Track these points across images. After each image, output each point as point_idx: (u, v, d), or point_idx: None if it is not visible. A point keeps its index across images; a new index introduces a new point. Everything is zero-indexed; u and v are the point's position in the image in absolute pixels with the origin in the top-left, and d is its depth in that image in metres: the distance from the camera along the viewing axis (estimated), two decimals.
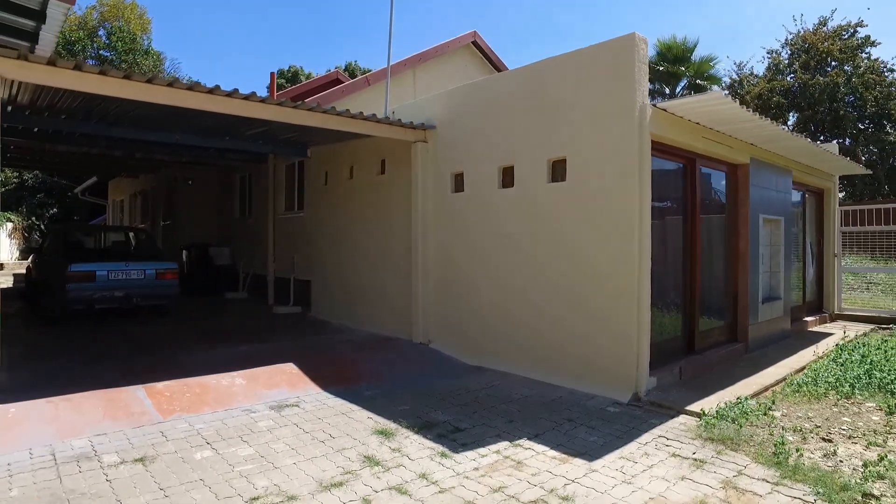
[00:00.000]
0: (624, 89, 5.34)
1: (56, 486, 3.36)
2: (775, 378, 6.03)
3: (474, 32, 12.68)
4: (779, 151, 8.03)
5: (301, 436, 4.28)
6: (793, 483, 3.49)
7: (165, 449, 3.98)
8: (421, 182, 7.42)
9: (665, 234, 6.37)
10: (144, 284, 8.45)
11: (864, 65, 20.94)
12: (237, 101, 5.93)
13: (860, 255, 11.31)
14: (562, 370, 5.77)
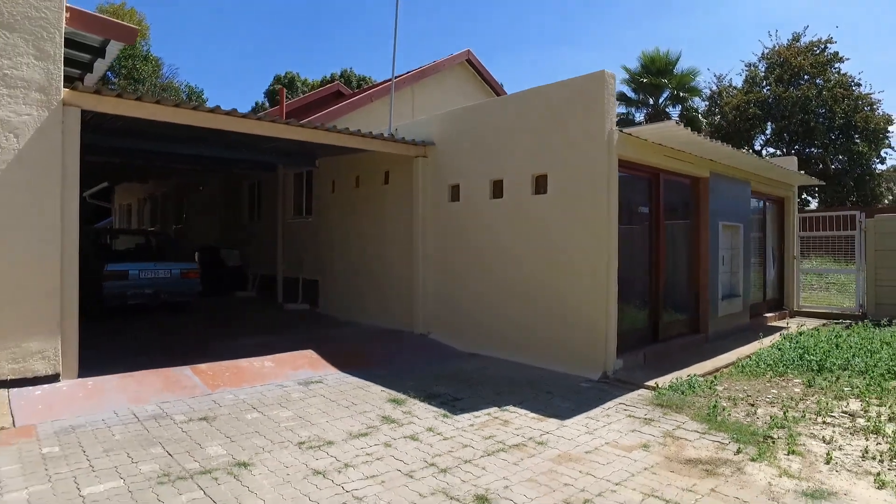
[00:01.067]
0: (595, 117, 6.37)
1: (145, 434, 4.32)
2: (726, 362, 7.06)
3: (468, 51, 13.74)
4: (737, 165, 9.09)
5: (328, 403, 5.26)
6: (716, 432, 4.51)
7: (220, 412, 4.94)
8: (421, 192, 8.42)
9: (633, 238, 7.40)
10: (171, 283, 9.39)
11: (834, 79, 22.22)
12: (265, 124, 6.92)
13: (824, 258, 12.44)
14: (543, 355, 6.77)
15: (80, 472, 3.61)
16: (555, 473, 3.73)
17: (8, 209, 5.04)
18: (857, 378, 6.06)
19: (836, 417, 4.86)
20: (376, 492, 3.41)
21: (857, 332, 8.45)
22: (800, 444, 4.23)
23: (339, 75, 42.28)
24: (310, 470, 3.72)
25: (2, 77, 5.00)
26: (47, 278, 5.25)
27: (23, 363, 5.10)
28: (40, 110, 5.21)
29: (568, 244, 6.62)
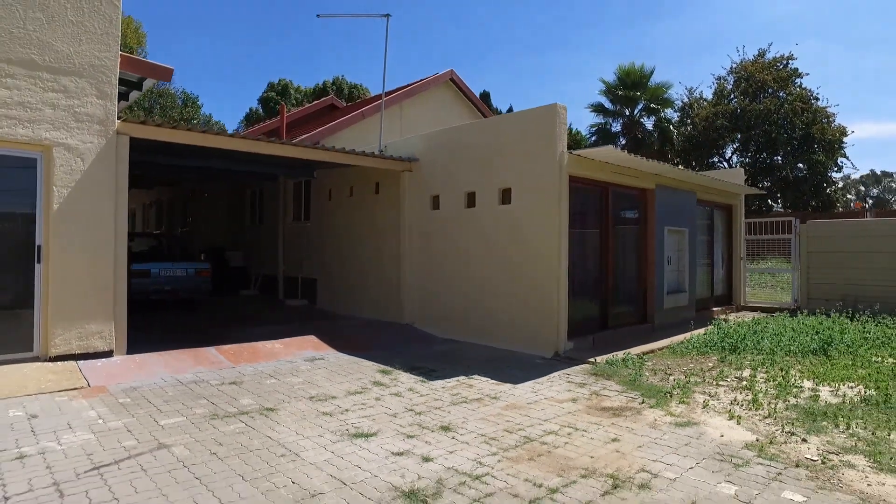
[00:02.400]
0: (549, 142, 7.74)
1: (190, 392, 5.61)
2: (662, 345, 8.45)
3: (451, 71, 15.11)
4: (680, 179, 10.50)
5: (330, 373, 6.57)
6: (631, 391, 5.87)
7: (245, 379, 6.24)
8: (407, 202, 9.76)
9: (586, 241, 8.78)
10: (187, 280, 10.65)
11: (795, 93, 23.83)
12: (275, 146, 8.23)
13: (778, 259, 13.91)
14: (507, 338, 8.12)
15: (153, 412, 4.91)
16: (501, 415, 5.07)
17: (76, 218, 6.32)
18: (760, 355, 7.46)
19: (728, 381, 6.24)
20: (368, 424, 4.74)
21: (776, 321, 9.88)
22: (690, 397, 5.60)
23: (331, 83, 43.60)
24: (319, 412, 5.04)
25: (74, 114, 6.29)
26: (103, 274, 6.53)
27: (86, 341, 6.38)
28: (100, 139, 6.49)
29: (527, 246, 7.98)
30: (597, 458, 4.02)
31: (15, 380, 5.58)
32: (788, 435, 4.50)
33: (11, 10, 5.91)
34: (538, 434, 4.54)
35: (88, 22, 6.42)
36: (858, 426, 4.65)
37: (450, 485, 3.53)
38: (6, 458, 3.81)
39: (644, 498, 3.38)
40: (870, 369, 6.43)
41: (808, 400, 5.43)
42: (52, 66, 6.19)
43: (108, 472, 3.62)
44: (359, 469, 3.76)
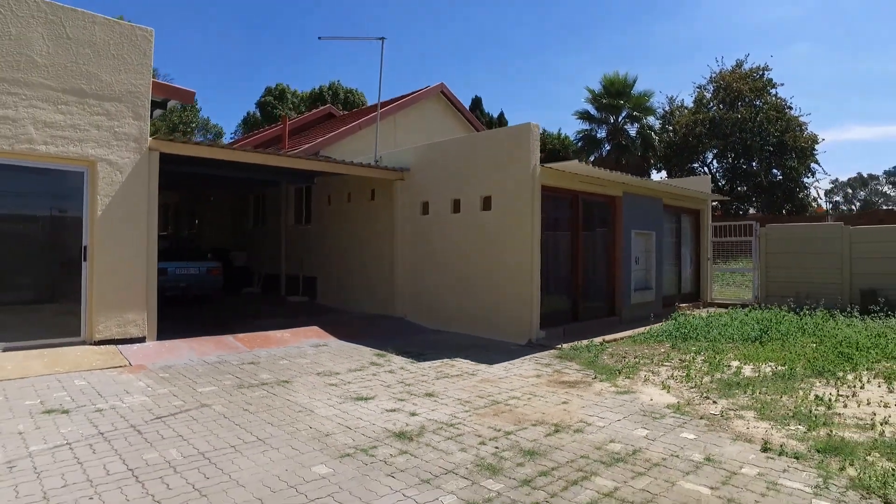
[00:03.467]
0: (524, 155, 8.86)
1: (217, 369, 6.69)
2: (625, 335, 9.57)
3: (442, 84, 16.23)
4: (646, 186, 11.66)
5: (333, 356, 7.67)
6: (588, 370, 6.99)
7: (261, 360, 7.33)
8: (399, 207, 10.87)
9: (559, 243, 9.91)
10: (200, 278, 11.71)
11: (770, 102, 25.10)
12: (283, 158, 9.32)
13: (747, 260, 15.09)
14: (487, 328, 9.23)
15: (189, 383, 6.00)
16: (475, 386, 6.18)
17: (116, 223, 7.39)
18: (706, 342, 8.60)
19: (671, 363, 7.37)
20: (367, 391, 5.83)
21: (729, 315, 11.03)
22: (635, 374, 6.73)
23: (327, 87, 44.59)
24: (326, 384, 6.14)
25: (114, 133, 7.36)
26: (138, 271, 7.60)
27: (124, 328, 7.45)
28: (135, 154, 7.57)
29: (505, 247, 9.10)
30: (547, 414, 5.14)
31: (71, 358, 6.65)
32: (704, 399, 5.63)
33: (67, 47, 6.98)
34: (504, 399, 5.65)
35: (127, 55, 7.50)
36: (761, 393, 5.79)
37: (430, 429, 4.64)
38: (88, 410, 4.90)
39: (576, 437, 4.50)
40: (790, 352, 7.58)
41: (731, 375, 6.57)
42: (97, 93, 7.26)
43: (168, 420, 4.71)
44: (360, 420, 4.87)
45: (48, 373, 6.21)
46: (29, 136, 6.74)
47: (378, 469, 3.79)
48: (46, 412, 4.85)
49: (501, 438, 4.45)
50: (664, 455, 4.10)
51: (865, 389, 5.92)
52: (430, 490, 3.47)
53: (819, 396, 5.58)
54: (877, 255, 12.03)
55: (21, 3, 6.68)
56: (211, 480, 3.55)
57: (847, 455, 4.01)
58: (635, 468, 3.85)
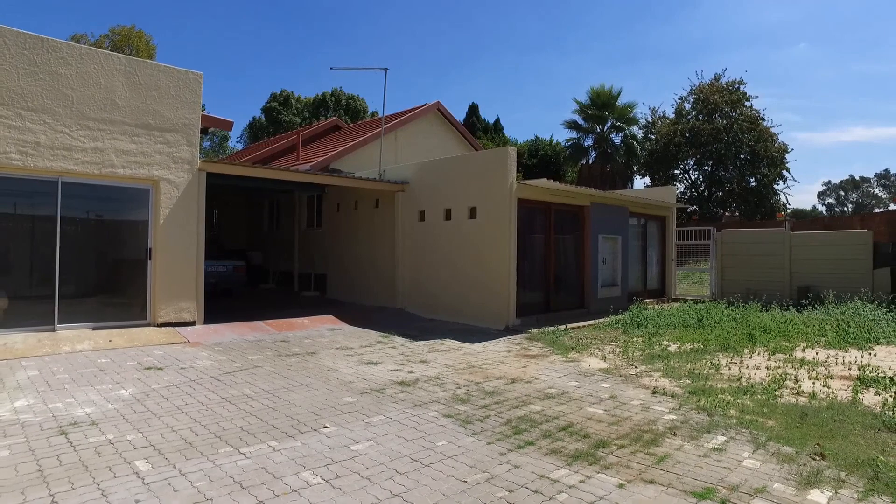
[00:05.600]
0: (503, 174, 10.73)
1: (257, 345, 8.56)
2: (588, 323, 11.45)
3: (438, 102, 18.11)
4: (611, 197, 13.53)
5: (347, 336, 9.54)
6: (549, 347, 8.86)
7: (290, 339, 9.20)
8: (400, 214, 12.75)
9: (534, 246, 11.79)
10: (227, 275, 13.57)
11: (745, 114, 27.01)
12: (303, 175, 11.18)
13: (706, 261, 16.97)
14: (473, 316, 11.11)
15: (240, 354, 7.88)
16: (458, 357, 8.05)
17: (173, 229, 9.25)
18: (652, 328, 10.47)
19: (617, 342, 9.25)
20: (376, 359, 7.70)
21: (680, 307, 12.92)
22: (585, 350, 8.60)
23: (330, 94, 46.46)
24: (344, 354, 8.01)
25: (172, 158, 9.23)
26: (191, 267, 9.46)
27: (179, 314, 9.32)
28: (188, 175, 9.44)
29: (487, 249, 10.97)
30: (508, 373, 7.02)
31: (143, 336, 8.53)
32: (629, 366, 7.51)
33: (139, 91, 8.86)
34: (478, 364, 7.53)
35: (183, 94, 9.37)
36: (674, 362, 7.67)
37: (422, 380, 6.52)
38: (175, 368, 6.79)
39: (525, 386, 6.37)
40: (710, 335, 9.47)
41: (659, 350, 8.45)
42: (160, 126, 9.13)
43: (235, 374, 6.59)
44: (372, 375, 6.75)
45: (129, 346, 8.09)
46: (111, 162, 8.61)
47: (387, 399, 5.67)
48: (147, 369, 6.74)
49: (472, 386, 6.33)
50: (582, 395, 5.98)
51: (752, 359, 7.82)
52: (421, 409, 5.35)
53: (714, 363, 7.47)
54: (811, 258, 13.93)
55: (109, 59, 8.57)
56: (277, 404, 5.43)
57: (707, 395, 5.90)
58: (559, 401, 5.74)
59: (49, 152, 8.09)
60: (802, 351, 8.43)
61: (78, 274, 8.66)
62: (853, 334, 9.46)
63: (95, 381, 6.13)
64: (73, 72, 8.31)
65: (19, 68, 7.85)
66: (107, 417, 4.90)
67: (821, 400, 5.75)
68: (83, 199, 8.67)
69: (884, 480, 3.74)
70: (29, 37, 7.98)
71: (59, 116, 8.18)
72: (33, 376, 6.27)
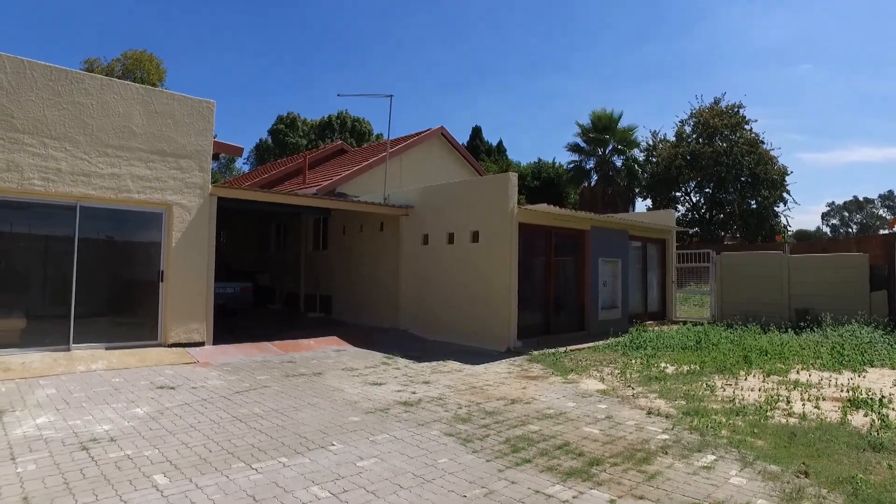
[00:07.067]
0: (503, 199, 11.03)
1: (264, 366, 8.80)
2: (588, 345, 11.64)
3: (441, 127, 18.55)
4: (611, 221, 13.81)
5: (352, 357, 9.77)
6: (549, 369, 9.07)
7: (296, 360, 9.43)
8: (404, 238, 13.05)
9: (535, 269, 12.05)
10: (234, 296, 13.85)
11: (744, 138, 27.40)
12: (311, 199, 11.51)
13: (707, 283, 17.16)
14: (475, 338, 11.33)
15: (248, 374, 8.11)
16: (460, 378, 8.27)
17: (185, 252, 9.55)
18: (651, 350, 10.66)
19: (615, 364, 9.45)
20: (380, 380, 7.93)
21: (679, 329, 13.10)
22: (584, 372, 8.81)
23: (336, 116, 47.20)
24: (349, 375, 8.24)
25: (185, 183, 9.57)
26: (201, 289, 9.75)
27: (189, 334, 9.58)
28: (199, 199, 9.77)
29: (489, 272, 11.24)
30: (509, 394, 7.23)
31: (154, 356, 8.79)
32: (626, 387, 7.71)
33: (155, 119, 9.25)
34: (480, 385, 7.75)
35: (196, 122, 9.75)
36: (670, 384, 7.86)
37: (425, 400, 6.74)
38: (187, 387, 7.03)
39: (524, 406, 6.59)
40: (707, 357, 9.66)
41: (656, 372, 8.65)
42: (174, 153, 9.49)
43: (244, 394, 6.83)
44: (376, 395, 6.97)
45: (141, 365, 8.34)
46: (127, 187, 8.96)
47: (391, 419, 5.90)
48: (160, 388, 6.99)
49: (473, 406, 6.55)
50: (579, 415, 6.19)
51: (747, 381, 8.01)
52: (423, 428, 5.58)
53: (710, 385, 7.67)
54: (809, 280, 14.13)
55: (127, 89, 8.98)
56: (286, 422, 5.66)
57: (700, 415, 6.10)
58: (557, 421, 5.95)
59: (69, 178, 8.45)
60: (797, 373, 8.61)
61: (93, 294, 8.95)
62: (848, 357, 9.64)
63: (111, 400, 6.37)
64: (93, 101, 8.70)
65: (45, 99, 8.25)
66: (124, 434, 5.14)
67: (810, 421, 5.94)
68: (99, 221, 9.00)
69: (861, 497, 3.94)
70: (54, 69, 8.40)
71: (79, 144, 8.55)
72: (52, 395, 6.52)
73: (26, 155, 8.08)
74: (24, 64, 8.17)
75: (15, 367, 7.58)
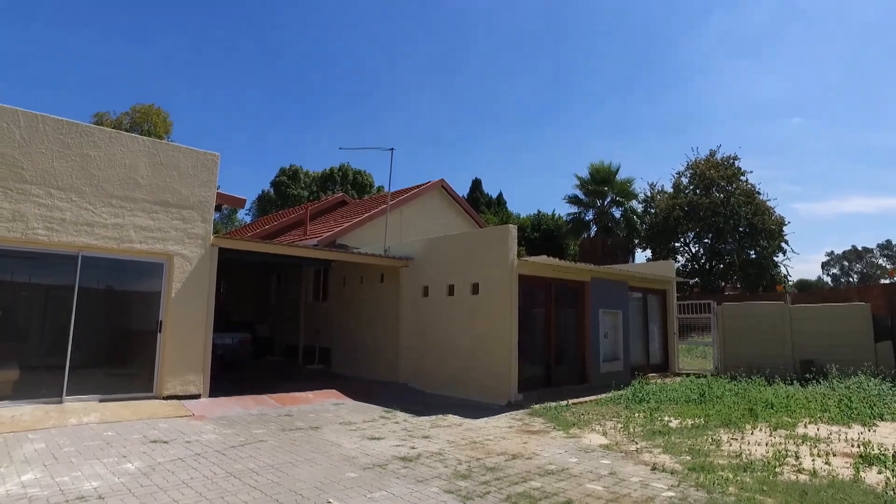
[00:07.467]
0: (503, 251, 11.09)
1: (261, 419, 8.62)
2: (590, 398, 11.44)
3: (441, 180, 18.85)
4: (611, 272, 13.83)
5: (350, 412, 9.58)
6: (550, 423, 8.88)
7: (294, 413, 9.24)
8: (404, 290, 13.03)
9: (535, 321, 11.98)
10: (233, 347, 13.71)
11: (741, 188, 27.78)
12: (305, 250, 11.56)
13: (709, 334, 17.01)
14: (475, 391, 11.14)
15: (244, 427, 7.94)
16: (460, 433, 8.08)
17: (184, 303, 9.52)
18: (655, 404, 10.47)
19: (619, 418, 9.26)
20: (379, 434, 7.75)
21: (682, 382, 12.90)
22: (586, 426, 8.62)
23: (337, 169, 48.02)
24: (348, 429, 8.06)
25: (187, 233, 9.65)
26: (199, 340, 9.67)
27: (185, 386, 9.44)
28: (201, 249, 9.83)
29: (489, 324, 11.16)
30: (510, 449, 7.06)
31: (148, 409, 8.62)
32: (630, 442, 7.54)
33: (160, 171, 9.41)
34: (480, 440, 7.57)
35: (200, 174, 9.92)
36: (675, 438, 7.68)
37: (424, 456, 6.58)
38: (180, 441, 6.87)
39: (526, 462, 6.42)
40: (712, 410, 9.47)
41: (660, 426, 8.46)
42: (178, 203, 9.62)
43: (239, 449, 6.66)
44: (375, 450, 6.80)
45: (136, 419, 8.18)
46: (130, 237, 9.03)
47: (389, 475, 5.74)
48: (153, 442, 6.82)
49: (473, 462, 6.38)
50: (582, 471, 6.03)
51: (753, 435, 7.83)
52: (423, 485, 5.42)
53: (715, 439, 7.49)
54: (812, 331, 14.02)
55: (134, 141, 9.19)
56: (282, 478, 5.50)
57: (706, 471, 5.93)
58: (559, 477, 5.79)
59: (73, 228, 8.53)
60: (805, 427, 8.43)
61: (89, 345, 8.87)
62: (857, 410, 9.45)
63: (102, 455, 6.22)
64: (101, 153, 8.88)
65: (54, 151, 8.43)
66: (113, 491, 4.99)
67: (822, 478, 5.78)
68: (100, 271, 9.02)
69: None
70: (66, 123, 8.62)
71: (84, 194, 8.68)
72: (40, 449, 6.37)
73: (32, 205, 8.19)
74: (37, 118, 8.39)
75: (4, 420, 7.43)
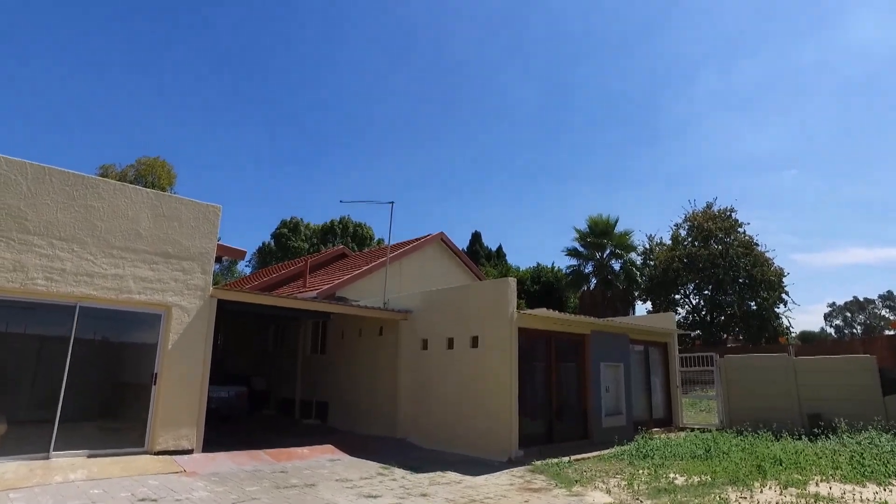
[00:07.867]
0: (504, 304, 11.05)
1: (255, 476, 8.36)
2: (593, 454, 11.13)
3: (441, 233, 18.99)
4: (611, 325, 13.74)
5: (347, 468, 9.31)
6: (552, 480, 8.62)
7: (289, 470, 8.98)
8: (403, 343, 12.91)
9: (535, 375, 11.80)
10: (228, 400, 13.45)
11: (738, 240, 27.98)
12: (304, 302, 11.53)
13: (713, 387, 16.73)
14: (474, 448, 10.86)
15: (237, 485, 7.70)
16: (460, 491, 7.83)
17: (181, 355, 9.41)
18: (659, 460, 10.18)
19: (622, 475, 8.99)
20: (376, 492, 7.51)
21: (687, 437, 12.59)
22: (589, 483, 8.36)
23: (338, 221, 48.47)
24: (344, 487, 7.81)
25: (186, 284, 9.65)
26: (194, 394, 9.50)
27: (178, 441, 9.20)
28: (200, 301, 9.80)
29: (489, 378, 11.00)
30: None
31: (139, 465, 8.38)
32: (634, 500, 7.29)
33: (161, 222, 9.50)
34: (480, 498, 7.33)
35: (201, 226, 10.01)
36: (681, 496, 7.44)
37: None
38: (170, 500, 6.64)
39: None
40: (719, 466, 9.21)
41: (665, 484, 8.21)
42: (178, 255, 9.66)
43: None
44: None
45: (125, 475, 7.93)
46: (129, 288, 9.03)
47: None
48: (141, 500, 6.60)
49: None
50: None
51: (763, 493, 7.58)
52: None
53: (723, 497, 7.25)
54: (818, 384, 13.80)
55: (137, 193, 9.33)
56: None
57: None
58: None
59: (72, 278, 8.53)
60: (817, 485, 8.17)
61: (82, 397, 8.71)
62: (870, 467, 9.19)
63: None
64: (105, 204, 8.99)
65: (59, 202, 8.54)
66: None
67: None
68: (97, 321, 8.96)
69: None
70: (72, 175, 8.77)
71: (86, 245, 8.73)
72: None
73: (33, 255, 8.22)
74: (44, 171, 8.54)
75: None
